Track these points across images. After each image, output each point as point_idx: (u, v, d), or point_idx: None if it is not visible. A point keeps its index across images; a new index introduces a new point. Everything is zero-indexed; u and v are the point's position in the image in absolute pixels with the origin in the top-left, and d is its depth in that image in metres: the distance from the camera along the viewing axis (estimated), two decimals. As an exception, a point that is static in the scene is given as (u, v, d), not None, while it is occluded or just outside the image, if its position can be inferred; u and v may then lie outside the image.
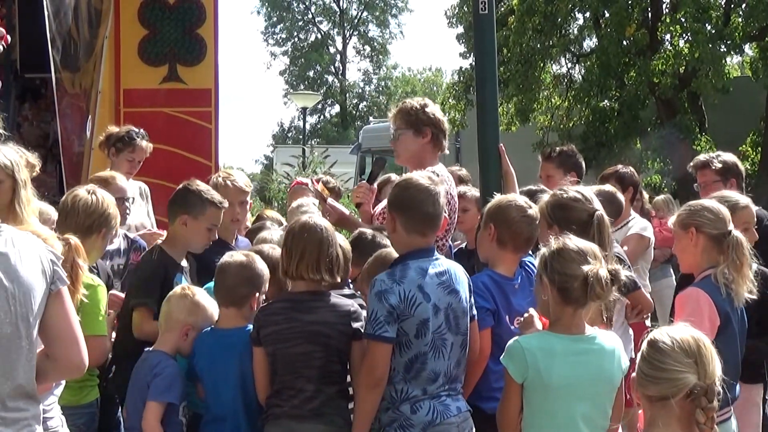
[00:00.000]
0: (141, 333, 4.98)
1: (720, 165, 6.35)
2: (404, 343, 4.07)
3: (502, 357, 3.87)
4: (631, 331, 5.79)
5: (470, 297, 4.33)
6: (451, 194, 5.24)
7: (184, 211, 5.24)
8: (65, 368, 3.36)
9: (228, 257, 4.70)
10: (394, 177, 6.66)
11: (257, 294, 4.61)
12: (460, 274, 4.31)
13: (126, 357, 4.89)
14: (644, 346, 3.19)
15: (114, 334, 5.06)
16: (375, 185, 5.83)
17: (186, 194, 5.33)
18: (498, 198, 4.74)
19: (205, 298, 4.70)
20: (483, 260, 4.72)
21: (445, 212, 4.39)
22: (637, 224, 6.74)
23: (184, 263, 5.32)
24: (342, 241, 4.67)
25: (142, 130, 7.14)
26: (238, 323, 4.57)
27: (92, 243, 4.74)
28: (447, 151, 5.63)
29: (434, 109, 5.57)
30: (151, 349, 4.69)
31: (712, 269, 4.59)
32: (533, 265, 4.27)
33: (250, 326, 4.52)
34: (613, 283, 3.79)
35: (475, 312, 4.36)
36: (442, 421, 4.08)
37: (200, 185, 5.41)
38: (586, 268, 3.75)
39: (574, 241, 3.87)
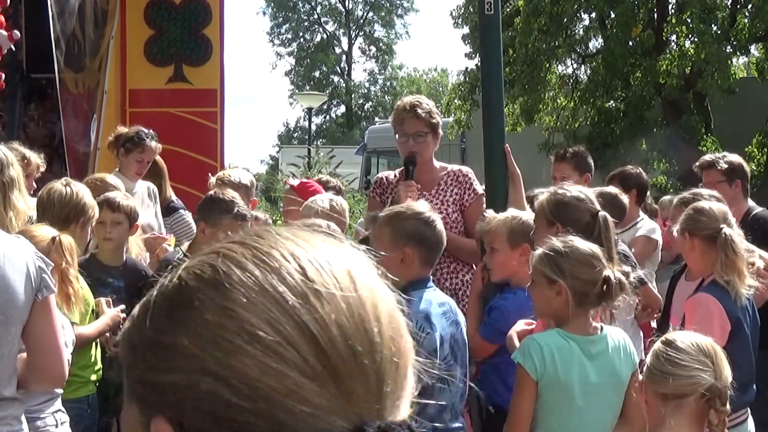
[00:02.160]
0: None
1: (726, 165, 6.33)
2: None
3: (514, 355, 3.74)
4: (641, 332, 5.77)
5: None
6: None
7: (203, 218, 5.25)
8: (44, 378, 3.36)
9: None
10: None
11: None
12: (455, 306, 4.22)
13: None
14: (658, 345, 3.16)
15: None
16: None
17: (208, 201, 5.34)
18: (526, 219, 4.63)
19: None
20: (505, 281, 4.65)
21: None
22: (645, 226, 6.71)
23: None
24: None
25: (151, 131, 7.13)
26: None
27: (71, 233, 4.67)
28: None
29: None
30: None
31: None
32: None
33: None
34: (628, 284, 3.77)
35: None
36: None
37: (226, 194, 5.35)
38: (606, 272, 3.69)
39: (581, 242, 3.83)
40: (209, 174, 5.83)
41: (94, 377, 4.84)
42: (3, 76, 6.94)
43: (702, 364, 3.05)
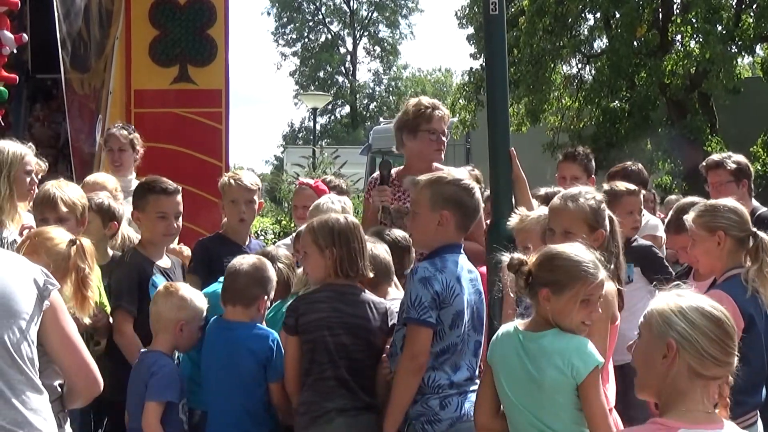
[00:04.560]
0: (121, 336, 5.02)
1: (734, 165, 6.33)
2: (438, 333, 4.12)
3: None
4: None
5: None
6: None
7: (134, 208, 5.29)
8: (78, 393, 3.52)
9: (240, 259, 4.72)
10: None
11: (265, 297, 4.63)
12: (479, 276, 4.40)
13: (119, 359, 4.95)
14: (700, 318, 2.91)
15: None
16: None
17: (134, 191, 5.43)
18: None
19: (190, 291, 4.70)
20: None
21: None
22: (650, 223, 6.69)
23: (165, 262, 5.29)
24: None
25: (122, 123, 7.23)
26: (242, 319, 4.62)
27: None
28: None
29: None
30: (146, 350, 4.70)
31: (735, 270, 4.55)
32: None
33: (258, 324, 4.60)
34: (518, 270, 3.74)
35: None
36: (469, 417, 4.11)
37: (148, 178, 5.44)
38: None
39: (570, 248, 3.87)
40: (231, 169, 5.85)
41: None
42: (17, 78, 6.97)
43: (736, 346, 2.96)
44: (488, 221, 5.49)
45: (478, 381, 4.28)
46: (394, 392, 4.16)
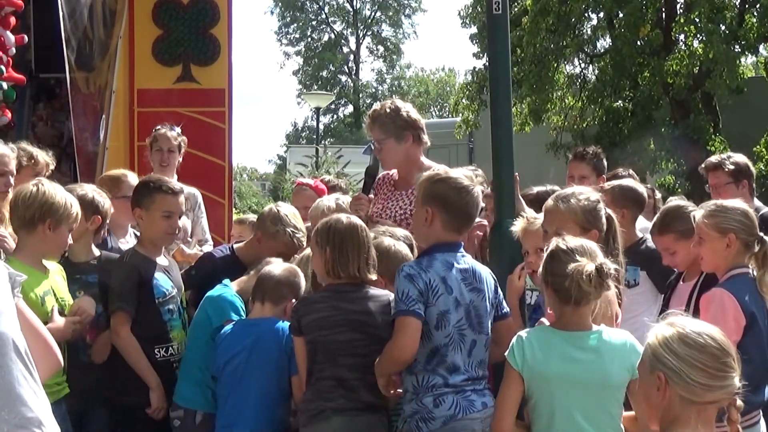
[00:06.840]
0: (117, 338, 5.02)
1: (732, 166, 6.33)
2: (425, 333, 4.09)
3: (506, 352, 3.86)
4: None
5: (495, 297, 4.35)
6: None
7: (137, 205, 5.27)
8: (42, 373, 3.39)
9: (274, 264, 4.87)
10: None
11: (293, 301, 4.72)
12: (485, 274, 4.33)
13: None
14: (682, 347, 2.97)
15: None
16: (371, 195, 5.76)
17: (136, 188, 5.41)
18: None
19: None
20: None
21: None
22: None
23: (163, 261, 5.28)
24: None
25: (169, 124, 7.24)
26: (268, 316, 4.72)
27: (41, 237, 4.60)
28: (428, 143, 5.73)
29: (407, 108, 5.68)
30: None
31: (738, 269, 4.58)
32: None
33: (281, 322, 4.67)
34: (600, 278, 3.70)
35: (507, 310, 4.41)
36: (464, 415, 4.09)
37: (152, 177, 5.50)
38: (571, 266, 3.72)
39: (566, 241, 3.87)
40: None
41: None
42: (25, 79, 6.98)
43: (731, 368, 2.96)
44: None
45: (482, 381, 4.26)
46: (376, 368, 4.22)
